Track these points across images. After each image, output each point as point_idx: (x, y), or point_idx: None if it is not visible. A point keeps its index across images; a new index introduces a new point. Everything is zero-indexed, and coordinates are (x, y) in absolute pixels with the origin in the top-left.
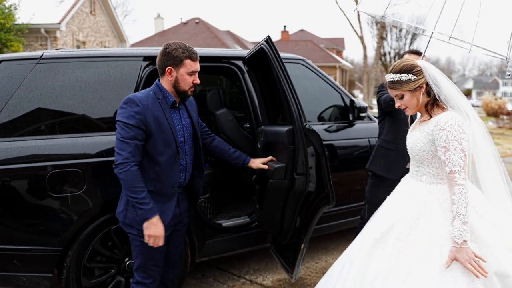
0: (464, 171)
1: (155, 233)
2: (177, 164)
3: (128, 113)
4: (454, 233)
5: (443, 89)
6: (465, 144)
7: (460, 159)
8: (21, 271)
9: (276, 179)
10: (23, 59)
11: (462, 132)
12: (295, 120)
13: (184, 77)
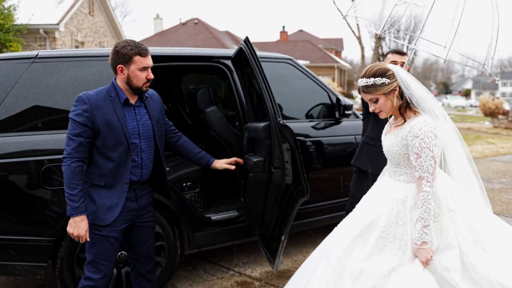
0: (432, 177)
1: (74, 232)
2: (129, 161)
3: (76, 111)
4: (415, 235)
5: (414, 92)
6: (436, 151)
7: (430, 165)
8: (17, 260)
9: (255, 172)
10: (19, 58)
11: (435, 138)
12: (270, 116)
13: (136, 73)
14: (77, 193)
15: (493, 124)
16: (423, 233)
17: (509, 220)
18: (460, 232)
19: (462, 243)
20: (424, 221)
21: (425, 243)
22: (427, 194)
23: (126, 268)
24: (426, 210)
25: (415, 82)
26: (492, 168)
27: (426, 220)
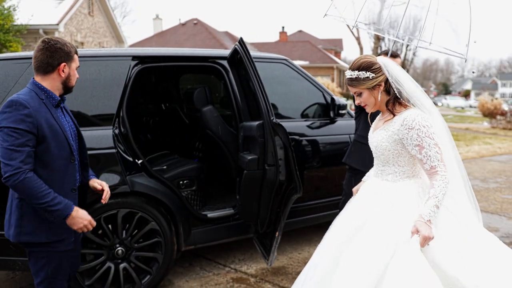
0: (443, 163)
1: (81, 225)
2: (72, 165)
3: (15, 117)
4: (424, 211)
5: (405, 86)
6: (437, 138)
7: (437, 153)
8: (17, 255)
9: (249, 170)
10: (19, 58)
11: (431, 126)
12: (264, 115)
13: (75, 72)
14: (54, 195)
15: (491, 124)
16: (432, 212)
17: (503, 218)
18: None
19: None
20: (438, 201)
21: (430, 221)
22: (445, 177)
23: (124, 264)
24: (441, 191)
25: (406, 76)
26: (488, 168)
27: (440, 201)
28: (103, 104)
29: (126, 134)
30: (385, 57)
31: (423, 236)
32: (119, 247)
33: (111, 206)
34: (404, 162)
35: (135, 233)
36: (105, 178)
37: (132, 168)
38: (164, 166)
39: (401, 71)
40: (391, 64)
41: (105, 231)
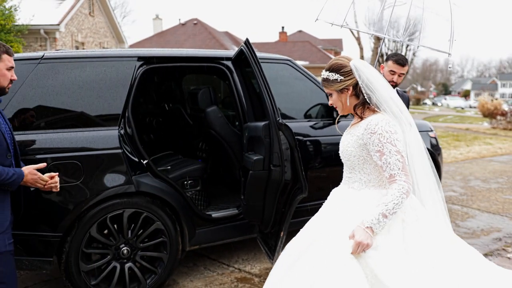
0: (404, 173)
1: (40, 178)
2: (8, 161)
3: None
4: (367, 217)
5: (377, 94)
6: (400, 145)
7: (398, 161)
8: (24, 255)
9: (255, 170)
10: (26, 59)
11: (395, 132)
12: (270, 115)
13: (3, 72)
14: (7, 170)
15: (492, 125)
16: (375, 219)
17: (505, 218)
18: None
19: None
20: (386, 209)
21: (370, 229)
22: (401, 187)
23: (129, 264)
24: (393, 201)
25: (379, 83)
26: (489, 168)
27: (389, 210)
28: (109, 105)
29: (131, 134)
30: (360, 61)
31: (356, 241)
32: (124, 247)
33: (117, 206)
34: (370, 169)
35: (140, 233)
36: (111, 178)
37: (137, 169)
38: (169, 166)
39: (374, 77)
40: (364, 68)
41: (111, 231)
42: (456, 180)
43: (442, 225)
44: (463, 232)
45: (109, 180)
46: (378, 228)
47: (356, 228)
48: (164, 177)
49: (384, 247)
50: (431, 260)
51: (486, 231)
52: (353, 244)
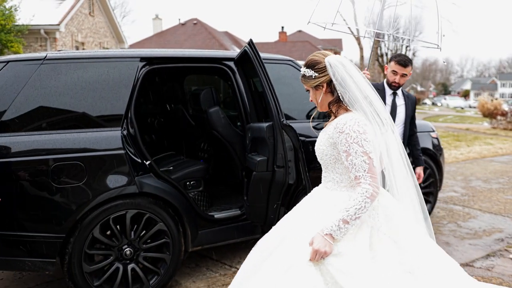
0: (370, 175)
1: None
2: None
3: None
4: (327, 224)
5: (349, 91)
6: (368, 146)
7: (364, 162)
8: (27, 256)
9: (259, 171)
10: (29, 60)
11: (363, 133)
12: (274, 116)
13: None
14: None
15: (492, 125)
16: (335, 226)
17: (507, 219)
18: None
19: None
20: (348, 215)
21: (329, 235)
22: (365, 191)
23: (132, 265)
24: (356, 205)
25: (356, 80)
26: (490, 169)
27: (350, 216)
28: (112, 105)
29: (134, 135)
30: (336, 57)
31: (313, 249)
32: (127, 248)
33: (120, 207)
34: (342, 169)
35: (143, 234)
36: (113, 179)
37: (140, 169)
38: (171, 167)
39: (350, 75)
40: (340, 65)
41: (114, 232)
42: (457, 180)
43: (419, 232)
44: (465, 232)
45: (112, 181)
46: (339, 234)
47: (315, 235)
48: (166, 177)
49: (347, 254)
50: (402, 269)
51: (488, 232)
52: (311, 252)
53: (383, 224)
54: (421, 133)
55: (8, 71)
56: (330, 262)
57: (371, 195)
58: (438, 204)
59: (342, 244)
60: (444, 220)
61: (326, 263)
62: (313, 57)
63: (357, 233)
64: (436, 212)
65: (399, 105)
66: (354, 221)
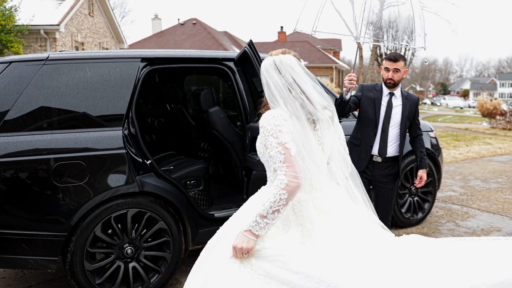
0: (285, 165)
1: None
2: None
3: None
4: (248, 220)
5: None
6: (284, 137)
7: (279, 153)
8: (29, 254)
9: (259, 170)
10: (31, 60)
11: (279, 125)
12: None
13: None
14: None
15: (491, 124)
16: (254, 222)
17: (505, 218)
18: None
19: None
20: (264, 210)
21: (250, 232)
22: (280, 182)
23: (133, 263)
24: (272, 199)
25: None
26: (488, 168)
27: (266, 210)
28: (113, 105)
29: (135, 135)
30: (267, 60)
31: (232, 246)
32: (128, 246)
33: (121, 206)
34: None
35: (144, 232)
36: (115, 178)
37: (141, 169)
38: (171, 166)
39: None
40: (264, 68)
41: (115, 231)
42: (456, 180)
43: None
44: (463, 231)
45: (113, 180)
46: (259, 230)
47: (238, 232)
48: (167, 177)
49: (273, 248)
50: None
51: (486, 231)
52: (232, 249)
53: (315, 220)
54: None
55: (11, 72)
56: (254, 255)
57: (286, 185)
58: (436, 204)
59: (269, 239)
60: (443, 220)
61: (251, 258)
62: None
63: (287, 231)
64: (434, 212)
65: (395, 106)
66: (272, 214)
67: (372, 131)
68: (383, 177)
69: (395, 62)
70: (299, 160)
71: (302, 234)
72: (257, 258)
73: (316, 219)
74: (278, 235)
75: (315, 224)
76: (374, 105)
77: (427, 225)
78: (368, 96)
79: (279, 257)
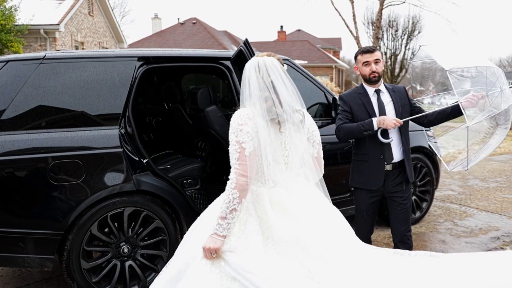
0: (238, 162)
1: None
2: None
3: None
4: (212, 224)
5: (244, 89)
6: (243, 136)
7: (235, 151)
8: (26, 253)
9: None
10: (28, 59)
11: (242, 124)
12: None
13: None
14: None
15: None
16: (218, 225)
17: (504, 217)
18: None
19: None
20: (221, 211)
21: (216, 234)
22: (230, 182)
23: (130, 262)
24: (225, 199)
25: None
26: (488, 168)
27: (223, 211)
28: (110, 104)
29: (132, 133)
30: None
31: (203, 247)
32: (125, 245)
33: (118, 205)
34: None
35: (140, 231)
36: (111, 177)
37: (137, 167)
38: (168, 165)
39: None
40: (253, 65)
41: (112, 229)
42: (455, 179)
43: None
44: (461, 231)
45: (110, 179)
46: (222, 231)
47: (207, 237)
48: (164, 175)
49: (237, 248)
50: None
51: (484, 230)
52: (204, 250)
53: (269, 213)
54: (418, 132)
55: (7, 71)
56: (223, 258)
57: (236, 184)
58: (435, 203)
59: (233, 239)
60: (441, 219)
61: (221, 258)
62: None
63: (245, 228)
64: (433, 211)
65: (386, 104)
66: (230, 214)
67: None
68: (396, 186)
69: (373, 53)
70: (254, 160)
71: (260, 226)
72: (226, 263)
73: (271, 213)
74: (241, 231)
75: (269, 217)
76: (367, 110)
77: (425, 224)
78: (356, 103)
79: (243, 272)
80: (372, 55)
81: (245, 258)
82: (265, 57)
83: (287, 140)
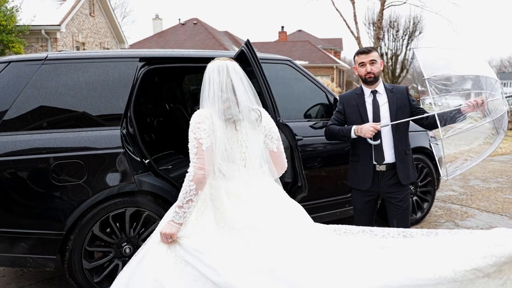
0: (196, 157)
1: None
2: None
3: None
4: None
5: (203, 91)
6: (200, 133)
7: (193, 146)
8: (28, 253)
9: None
10: (30, 60)
11: (199, 122)
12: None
13: None
14: None
15: None
16: (175, 213)
17: (505, 218)
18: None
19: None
20: (179, 200)
21: (173, 221)
22: (188, 175)
23: None
24: (182, 190)
25: (212, 81)
26: (489, 168)
27: (181, 200)
28: (111, 105)
29: (133, 134)
30: (220, 61)
31: (159, 232)
32: (126, 245)
33: (119, 205)
34: None
35: (142, 231)
36: (113, 177)
37: (139, 168)
38: (170, 165)
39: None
40: (215, 67)
41: (113, 229)
42: (456, 179)
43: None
44: None
45: (112, 179)
46: (179, 219)
47: (163, 224)
48: (165, 176)
49: (192, 235)
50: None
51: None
52: (161, 234)
53: (225, 204)
54: (419, 132)
55: (9, 71)
56: (179, 242)
57: (193, 177)
58: (436, 203)
59: (189, 227)
60: (442, 219)
61: (177, 243)
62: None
63: (201, 218)
64: (434, 211)
65: (381, 105)
66: (187, 204)
67: (367, 139)
68: (391, 187)
69: (368, 54)
70: (210, 154)
71: (216, 216)
72: (181, 247)
73: (227, 203)
74: (197, 220)
75: (225, 207)
76: (359, 111)
77: (426, 224)
78: (350, 104)
79: (195, 253)
80: (367, 56)
81: (198, 241)
82: (228, 61)
83: (244, 138)
